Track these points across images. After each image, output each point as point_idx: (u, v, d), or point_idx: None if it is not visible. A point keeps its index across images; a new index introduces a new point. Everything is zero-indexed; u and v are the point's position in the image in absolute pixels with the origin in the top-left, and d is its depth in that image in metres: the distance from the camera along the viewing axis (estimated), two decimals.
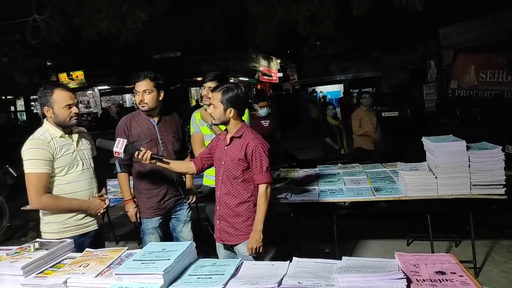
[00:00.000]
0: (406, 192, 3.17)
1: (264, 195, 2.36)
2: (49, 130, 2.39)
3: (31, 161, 2.27)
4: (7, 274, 1.70)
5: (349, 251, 4.08)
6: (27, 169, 2.28)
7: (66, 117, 2.37)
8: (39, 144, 2.30)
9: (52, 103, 2.35)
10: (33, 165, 2.27)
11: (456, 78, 15.63)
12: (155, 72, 2.82)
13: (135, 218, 2.86)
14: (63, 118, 2.37)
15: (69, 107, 2.37)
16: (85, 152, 2.52)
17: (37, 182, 2.27)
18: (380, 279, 1.44)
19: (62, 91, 2.37)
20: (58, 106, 2.35)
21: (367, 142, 5.99)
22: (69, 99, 2.38)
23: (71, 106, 2.38)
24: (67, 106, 2.36)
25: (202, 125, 3.12)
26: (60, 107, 2.35)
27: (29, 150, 2.29)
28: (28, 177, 2.29)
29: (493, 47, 14.32)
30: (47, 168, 2.29)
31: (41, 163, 2.27)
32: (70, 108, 2.38)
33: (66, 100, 2.37)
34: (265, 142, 2.43)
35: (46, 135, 2.35)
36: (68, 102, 2.37)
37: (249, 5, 8.60)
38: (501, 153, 2.95)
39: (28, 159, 2.28)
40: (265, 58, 25.35)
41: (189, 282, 1.59)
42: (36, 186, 2.27)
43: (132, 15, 7.86)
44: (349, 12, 8.26)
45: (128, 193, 2.87)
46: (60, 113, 2.36)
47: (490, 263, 3.67)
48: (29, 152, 2.28)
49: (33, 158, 2.27)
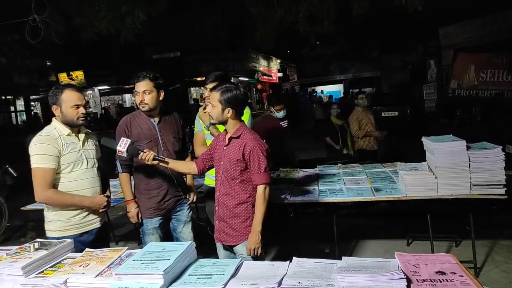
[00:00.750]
0: (406, 192, 3.17)
1: (262, 196, 2.36)
2: (57, 127, 2.46)
3: (38, 156, 2.32)
4: (7, 274, 1.70)
5: (349, 251, 4.08)
6: (34, 163, 2.33)
7: (74, 116, 2.44)
8: (46, 140, 2.37)
9: (60, 102, 2.43)
10: (39, 160, 2.32)
11: (456, 78, 15.61)
12: (155, 72, 2.81)
13: (136, 219, 2.86)
14: (71, 118, 2.44)
15: (77, 107, 2.44)
16: (90, 151, 2.58)
17: (43, 177, 2.32)
18: (380, 279, 1.44)
19: (71, 91, 2.46)
20: (66, 106, 2.43)
21: (370, 143, 5.92)
22: (77, 99, 2.46)
23: (79, 107, 2.45)
24: (75, 106, 2.44)
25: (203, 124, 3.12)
26: (68, 106, 2.43)
27: (37, 146, 2.34)
28: (34, 172, 2.34)
29: (493, 47, 14.31)
30: (53, 163, 2.34)
31: (48, 158, 2.33)
32: (78, 109, 2.45)
33: (75, 100, 2.44)
34: (263, 143, 2.43)
35: (54, 132, 2.43)
36: (76, 103, 2.44)
37: (249, 5, 8.60)
38: (501, 153, 2.95)
39: (35, 154, 2.33)
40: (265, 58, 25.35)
41: (189, 282, 1.59)
42: (42, 181, 2.32)
43: (132, 15, 7.85)
44: (349, 12, 8.26)
45: (130, 194, 2.87)
46: (67, 113, 2.43)
47: (490, 263, 3.67)
48: (36, 147, 2.34)
49: (40, 153, 2.32)
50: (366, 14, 8.11)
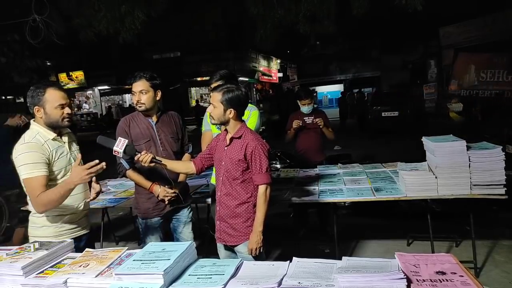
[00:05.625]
0: (406, 192, 3.17)
1: (263, 196, 2.36)
2: (40, 132, 2.25)
3: (27, 166, 2.12)
4: (7, 274, 1.70)
5: (349, 251, 4.08)
6: (23, 175, 2.13)
7: (59, 117, 2.25)
8: (32, 147, 2.16)
9: (44, 103, 2.22)
10: (29, 169, 2.12)
11: (456, 78, 15.60)
12: (151, 72, 2.80)
13: (166, 193, 2.75)
14: (56, 119, 2.25)
15: (62, 107, 2.25)
16: (75, 153, 2.42)
17: (36, 186, 2.12)
18: (380, 279, 1.44)
19: (55, 90, 2.25)
20: (51, 106, 2.23)
21: None
22: (62, 98, 2.26)
23: (64, 106, 2.26)
24: (60, 106, 2.24)
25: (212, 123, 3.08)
26: (53, 107, 2.23)
27: (23, 155, 2.14)
28: (26, 183, 2.15)
29: (494, 47, 14.30)
30: (44, 170, 2.16)
31: (37, 166, 2.13)
32: (63, 109, 2.26)
33: (59, 99, 2.25)
34: (264, 143, 2.43)
35: (38, 138, 2.22)
36: (61, 102, 2.25)
37: (249, 5, 8.60)
38: (501, 153, 2.94)
39: (22, 165, 2.13)
40: (265, 58, 25.37)
41: (189, 282, 1.59)
42: (37, 191, 2.11)
43: (131, 15, 7.85)
44: (349, 12, 8.26)
45: (146, 181, 2.78)
46: (52, 113, 2.23)
47: (490, 263, 3.67)
48: (23, 156, 2.14)
49: (28, 163, 2.12)
50: (366, 14, 8.11)
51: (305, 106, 4.59)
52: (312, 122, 4.58)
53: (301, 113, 4.66)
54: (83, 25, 8.16)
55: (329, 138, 4.68)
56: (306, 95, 4.63)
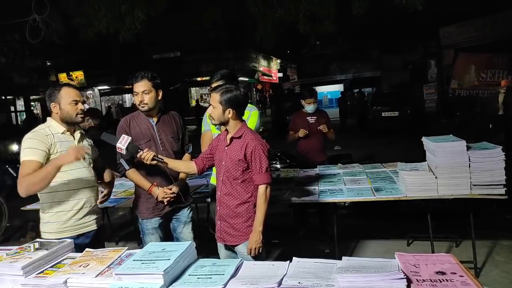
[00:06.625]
0: (406, 192, 3.17)
1: (263, 196, 2.36)
2: (51, 125, 2.46)
3: (27, 149, 2.32)
4: (7, 274, 1.70)
5: (349, 251, 4.08)
6: (22, 157, 2.32)
7: (73, 112, 2.45)
8: (36, 136, 2.37)
9: (59, 99, 2.43)
10: (27, 153, 2.31)
11: (457, 78, 15.60)
12: (152, 71, 2.81)
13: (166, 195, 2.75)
14: (70, 114, 2.44)
15: (75, 103, 2.45)
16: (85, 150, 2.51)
17: (27, 168, 2.26)
18: (380, 279, 1.44)
19: (69, 88, 2.49)
20: (65, 102, 2.43)
21: None
22: (75, 95, 2.47)
23: (77, 103, 2.46)
24: (73, 102, 2.45)
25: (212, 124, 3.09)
26: (67, 102, 2.43)
27: (26, 141, 2.36)
28: (21, 166, 2.32)
29: (494, 47, 14.30)
30: (40, 156, 2.31)
31: (35, 151, 2.31)
32: (77, 105, 2.46)
33: (73, 96, 2.46)
34: (264, 143, 2.43)
35: (46, 130, 2.42)
36: (75, 98, 2.46)
37: (249, 5, 8.60)
38: (501, 153, 2.94)
39: (24, 149, 2.33)
40: (265, 58, 25.39)
41: (189, 282, 1.59)
42: (24, 172, 2.26)
43: (131, 15, 7.85)
44: (349, 12, 8.27)
45: (146, 182, 2.78)
46: (66, 109, 2.43)
47: (490, 263, 3.66)
48: (25, 142, 2.35)
49: (27, 147, 2.32)
50: (366, 14, 8.11)
51: (309, 105, 4.64)
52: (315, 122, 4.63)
53: (304, 112, 4.69)
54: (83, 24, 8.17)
55: (329, 138, 4.72)
56: (310, 94, 4.68)
